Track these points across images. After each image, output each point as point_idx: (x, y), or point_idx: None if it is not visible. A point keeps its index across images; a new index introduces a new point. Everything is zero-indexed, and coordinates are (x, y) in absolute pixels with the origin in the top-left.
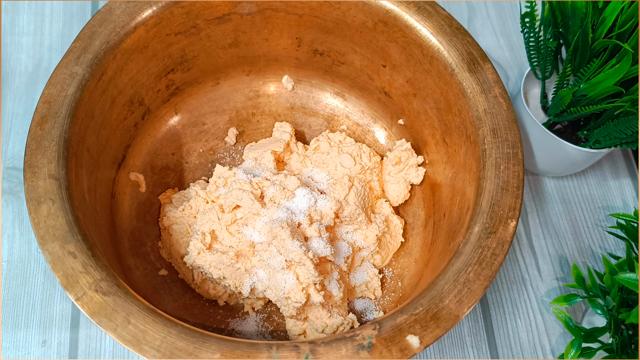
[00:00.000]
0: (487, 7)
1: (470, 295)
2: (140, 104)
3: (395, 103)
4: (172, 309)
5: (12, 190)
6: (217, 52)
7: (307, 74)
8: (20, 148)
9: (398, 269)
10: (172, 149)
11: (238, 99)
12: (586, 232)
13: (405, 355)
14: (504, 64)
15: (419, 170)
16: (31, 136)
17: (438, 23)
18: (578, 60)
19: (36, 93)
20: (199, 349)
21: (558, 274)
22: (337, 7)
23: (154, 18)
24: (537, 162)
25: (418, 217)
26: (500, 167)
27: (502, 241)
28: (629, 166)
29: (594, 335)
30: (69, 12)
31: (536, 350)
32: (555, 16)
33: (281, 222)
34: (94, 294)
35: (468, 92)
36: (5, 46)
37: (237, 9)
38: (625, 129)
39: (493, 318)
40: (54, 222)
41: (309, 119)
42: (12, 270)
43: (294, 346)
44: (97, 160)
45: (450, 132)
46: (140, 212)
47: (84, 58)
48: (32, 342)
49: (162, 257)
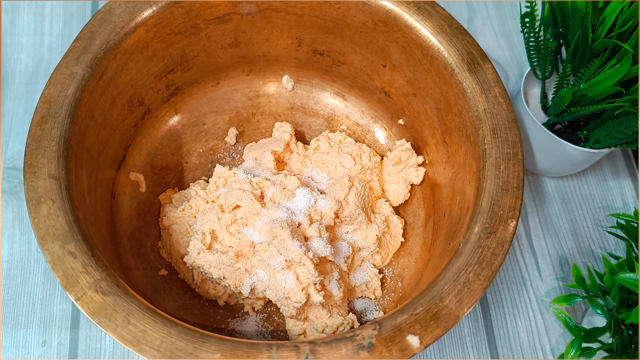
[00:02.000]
0: (487, 7)
1: (470, 295)
2: (140, 104)
3: (395, 103)
4: (172, 309)
5: (12, 190)
6: (217, 52)
7: (307, 74)
8: (20, 148)
9: (398, 269)
10: (172, 149)
11: (238, 99)
12: (586, 232)
13: (405, 355)
14: (504, 64)
15: (419, 170)
16: (31, 136)
17: (438, 23)
18: (578, 60)
19: (36, 93)
20: (199, 349)
21: (558, 274)
22: (337, 7)
23: (154, 18)
24: (537, 162)
25: (418, 217)
26: (500, 167)
27: (502, 241)
28: (629, 166)
29: (594, 335)
30: (69, 12)
31: (536, 350)
32: (555, 16)
33: (281, 222)
34: (94, 294)
35: (468, 92)
36: (5, 46)
37: (237, 9)
38: (625, 129)
39: (493, 318)
40: (54, 222)
41: (309, 119)
42: (12, 270)
43: (294, 346)
44: (97, 160)
45: (450, 132)
46: (140, 212)
47: (84, 58)
48: (32, 342)
49: (162, 257)
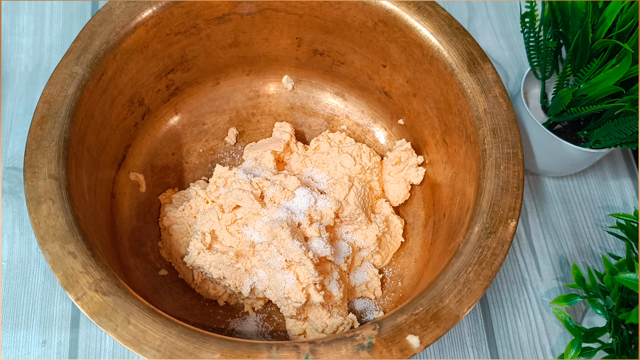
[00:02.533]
0: (487, 7)
1: (470, 295)
2: (140, 104)
3: (395, 103)
4: (172, 309)
5: (12, 190)
6: (217, 52)
7: (307, 74)
8: (20, 148)
9: (398, 269)
10: (172, 149)
11: (238, 99)
12: (586, 232)
13: (405, 355)
14: (504, 64)
15: (419, 170)
16: (31, 136)
17: (438, 23)
18: (578, 60)
19: (36, 93)
20: (199, 349)
21: (558, 274)
22: (337, 7)
23: (154, 18)
24: (537, 162)
25: (418, 217)
26: (500, 167)
27: (502, 241)
28: (629, 166)
29: (594, 335)
30: (69, 12)
31: (536, 350)
32: (555, 16)
33: (281, 222)
34: (94, 294)
35: (468, 92)
36: (5, 46)
37: (237, 9)
38: (625, 129)
39: (493, 318)
40: (54, 222)
41: (309, 119)
42: (12, 270)
43: (294, 346)
44: (97, 160)
45: (450, 132)
46: (140, 212)
47: (84, 58)
48: (32, 342)
49: (162, 257)
